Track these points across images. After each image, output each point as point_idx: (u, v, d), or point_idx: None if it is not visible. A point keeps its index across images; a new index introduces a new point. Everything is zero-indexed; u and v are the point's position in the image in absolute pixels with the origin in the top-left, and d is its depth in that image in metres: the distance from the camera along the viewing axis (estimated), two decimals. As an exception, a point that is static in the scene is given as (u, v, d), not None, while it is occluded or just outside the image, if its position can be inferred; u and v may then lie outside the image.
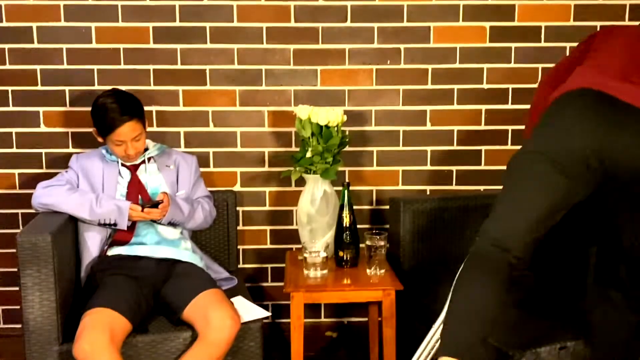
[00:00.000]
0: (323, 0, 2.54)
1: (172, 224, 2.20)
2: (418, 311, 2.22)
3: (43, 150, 2.58)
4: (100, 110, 2.10)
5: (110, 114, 2.08)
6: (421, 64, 2.60)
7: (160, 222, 2.16)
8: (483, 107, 2.64)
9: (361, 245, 2.28)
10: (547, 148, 1.45)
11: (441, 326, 1.51)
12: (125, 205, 2.09)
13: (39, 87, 2.54)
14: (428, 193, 2.68)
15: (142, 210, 2.09)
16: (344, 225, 2.26)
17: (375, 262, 2.17)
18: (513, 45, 2.60)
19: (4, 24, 2.49)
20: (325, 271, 2.20)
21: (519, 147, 1.54)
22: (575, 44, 2.53)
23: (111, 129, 2.09)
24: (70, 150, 2.56)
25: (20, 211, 2.60)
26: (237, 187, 2.65)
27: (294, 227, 2.64)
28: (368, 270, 2.20)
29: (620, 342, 1.69)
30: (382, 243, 2.18)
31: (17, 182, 2.59)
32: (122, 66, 2.54)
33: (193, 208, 2.24)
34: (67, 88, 2.55)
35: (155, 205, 2.10)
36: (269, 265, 2.72)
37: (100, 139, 2.17)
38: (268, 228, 2.69)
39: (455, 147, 2.66)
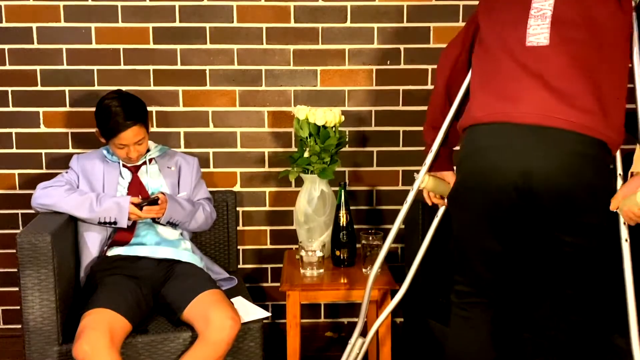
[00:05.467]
0: (323, 0, 2.54)
1: (172, 224, 2.20)
2: (435, 309, 2.22)
3: (43, 151, 2.58)
4: (105, 113, 2.10)
5: (115, 118, 2.07)
6: (421, 64, 2.60)
7: (160, 221, 2.16)
8: (483, 108, 2.64)
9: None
10: None
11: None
12: (125, 201, 2.09)
13: (39, 88, 2.54)
14: (428, 193, 2.68)
15: (141, 209, 2.09)
16: (341, 225, 2.28)
17: (370, 261, 2.18)
18: (513, 45, 2.60)
19: (4, 24, 2.50)
20: (321, 270, 2.21)
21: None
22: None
23: (115, 133, 2.09)
24: (70, 150, 2.56)
25: (20, 211, 2.60)
26: (237, 188, 2.65)
27: (293, 227, 2.64)
28: (364, 270, 2.22)
29: None
30: (377, 243, 2.19)
31: (17, 183, 2.59)
32: (122, 66, 2.54)
33: (194, 208, 2.24)
34: (67, 88, 2.55)
35: (152, 202, 2.10)
36: (269, 266, 2.72)
37: (102, 140, 2.17)
38: (268, 228, 2.69)
39: (454, 148, 2.66)
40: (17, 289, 1.93)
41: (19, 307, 1.91)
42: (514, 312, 1.82)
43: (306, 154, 2.32)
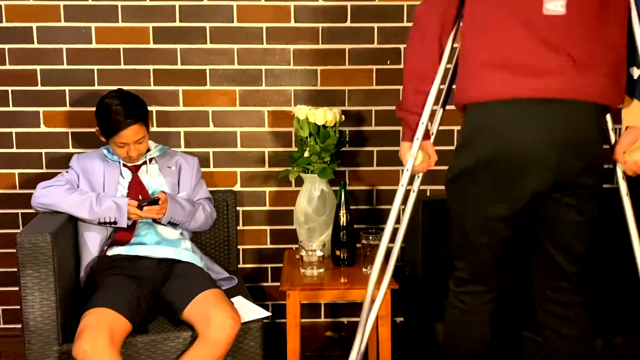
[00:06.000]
0: (323, 0, 2.54)
1: (172, 224, 2.20)
2: (435, 310, 2.21)
3: (43, 150, 2.58)
4: (105, 111, 2.10)
5: (115, 116, 2.08)
6: (421, 64, 2.60)
7: (160, 221, 2.16)
8: (483, 107, 2.64)
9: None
10: None
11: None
12: (123, 202, 2.09)
13: (39, 87, 2.54)
14: (428, 194, 2.68)
15: (141, 209, 2.09)
16: (341, 224, 2.28)
17: (370, 260, 2.18)
18: (513, 45, 2.60)
19: (4, 24, 2.50)
20: (321, 270, 2.22)
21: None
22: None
23: (115, 132, 2.09)
24: (70, 150, 2.57)
25: (20, 211, 2.60)
26: (237, 187, 2.65)
27: (294, 227, 2.64)
28: (364, 269, 2.22)
29: None
30: (377, 242, 2.19)
31: (17, 182, 2.59)
32: (122, 66, 2.54)
33: (194, 208, 2.24)
34: (67, 88, 2.55)
35: (153, 202, 2.10)
36: (269, 265, 2.72)
37: (103, 139, 2.18)
38: (268, 228, 2.69)
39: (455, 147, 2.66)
40: (17, 288, 1.93)
41: (19, 307, 1.91)
42: (514, 307, 1.80)
43: (306, 154, 2.33)
